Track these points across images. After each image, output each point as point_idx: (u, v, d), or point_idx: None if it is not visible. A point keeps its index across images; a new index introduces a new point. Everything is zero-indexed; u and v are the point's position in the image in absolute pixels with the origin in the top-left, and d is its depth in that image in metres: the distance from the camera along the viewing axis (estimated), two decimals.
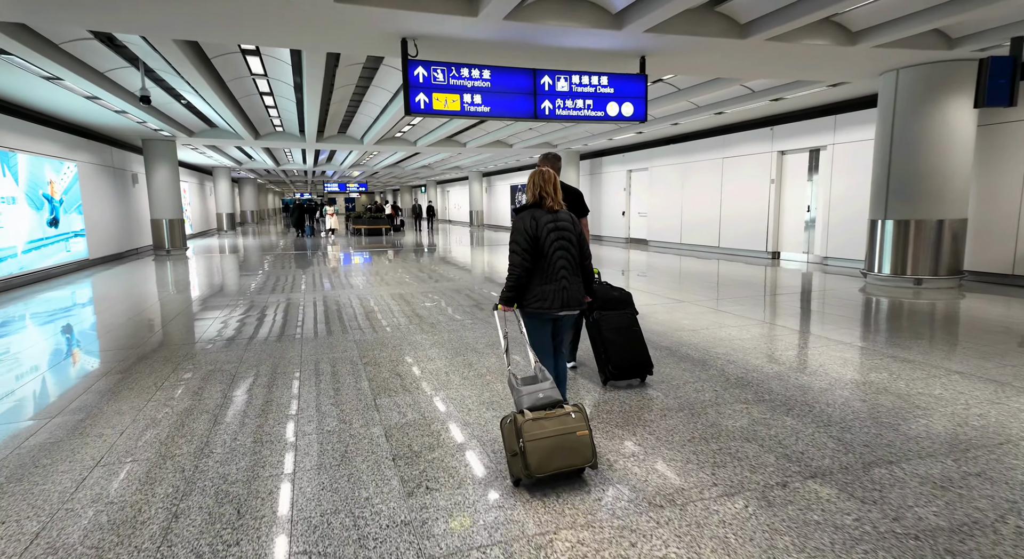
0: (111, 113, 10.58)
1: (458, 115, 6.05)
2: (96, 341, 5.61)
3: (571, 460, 2.43)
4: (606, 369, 3.83)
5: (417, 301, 7.45)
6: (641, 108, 6.62)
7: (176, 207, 15.00)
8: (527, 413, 2.48)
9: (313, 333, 5.70)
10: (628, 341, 3.84)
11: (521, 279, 2.86)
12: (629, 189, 17.08)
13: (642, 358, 3.86)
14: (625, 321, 3.88)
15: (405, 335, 5.52)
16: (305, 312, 6.84)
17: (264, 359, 4.76)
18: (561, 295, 2.87)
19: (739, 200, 12.59)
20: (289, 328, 5.94)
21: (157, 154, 14.57)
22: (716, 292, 7.99)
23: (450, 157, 22.00)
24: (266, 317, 6.55)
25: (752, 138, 12.14)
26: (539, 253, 2.84)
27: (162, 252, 14.82)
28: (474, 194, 30.12)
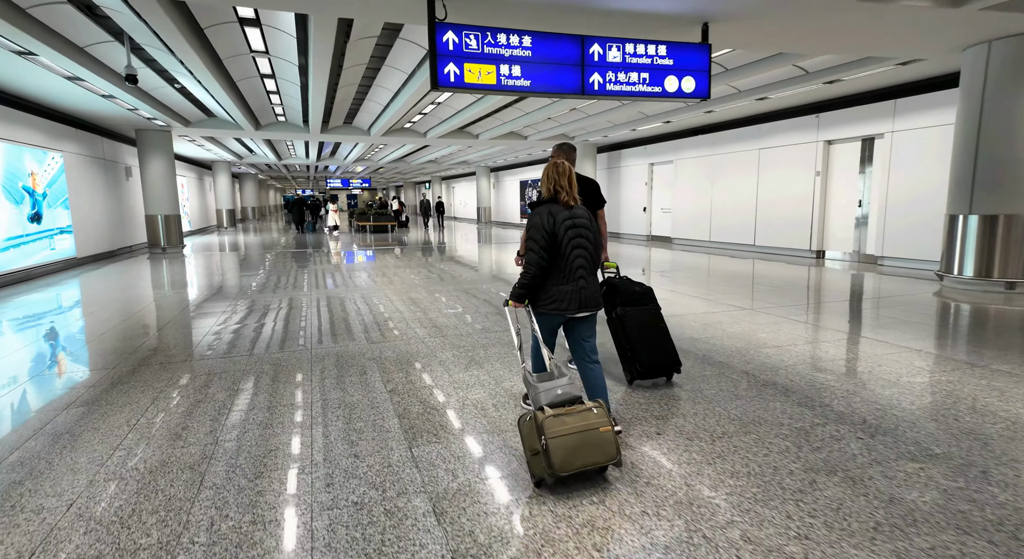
0: (98, 98, 9.67)
1: (493, 90, 5.14)
2: (76, 353, 4.73)
3: (595, 457, 2.33)
4: (633, 367, 3.63)
5: (436, 309, 6.55)
6: (704, 83, 5.69)
7: (172, 202, 14.11)
8: (547, 410, 2.38)
9: (321, 349, 4.80)
10: (655, 338, 3.65)
11: (537, 278, 2.73)
12: (651, 183, 16.14)
13: (670, 355, 3.66)
14: (650, 317, 3.69)
15: (432, 352, 4.62)
16: (311, 321, 5.94)
17: (264, 386, 3.87)
18: (579, 296, 2.74)
19: (778, 195, 11.65)
20: (293, 342, 5.04)
21: (151, 145, 13.67)
22: (760, 295, 7.08)
23: (460, 150, 21.08)
24: (267, 328, 5.65)
25: (794, 127, 11.20)
26: (556, 251, 2.71)
27: (157, 250, 13.94)
28: (482, 190, 29.20)
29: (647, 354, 3.59)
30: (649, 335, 3.63)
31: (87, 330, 5.75)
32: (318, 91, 9.47)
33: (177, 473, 2.62)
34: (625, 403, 3.41)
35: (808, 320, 5.75)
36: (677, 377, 3.83)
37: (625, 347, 3.66)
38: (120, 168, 14.17)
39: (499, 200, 28.96)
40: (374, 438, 2.97)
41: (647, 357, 3.59)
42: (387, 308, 6.54)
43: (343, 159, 25.52)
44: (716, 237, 13.49)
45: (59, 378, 4.14)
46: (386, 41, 7.87)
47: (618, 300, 3.70)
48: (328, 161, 25.80)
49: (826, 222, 10.85)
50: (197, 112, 12.88)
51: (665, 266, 10.82)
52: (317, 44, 6.79)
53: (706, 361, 4.27)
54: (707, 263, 10.85)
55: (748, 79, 9.05)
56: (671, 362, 3.66)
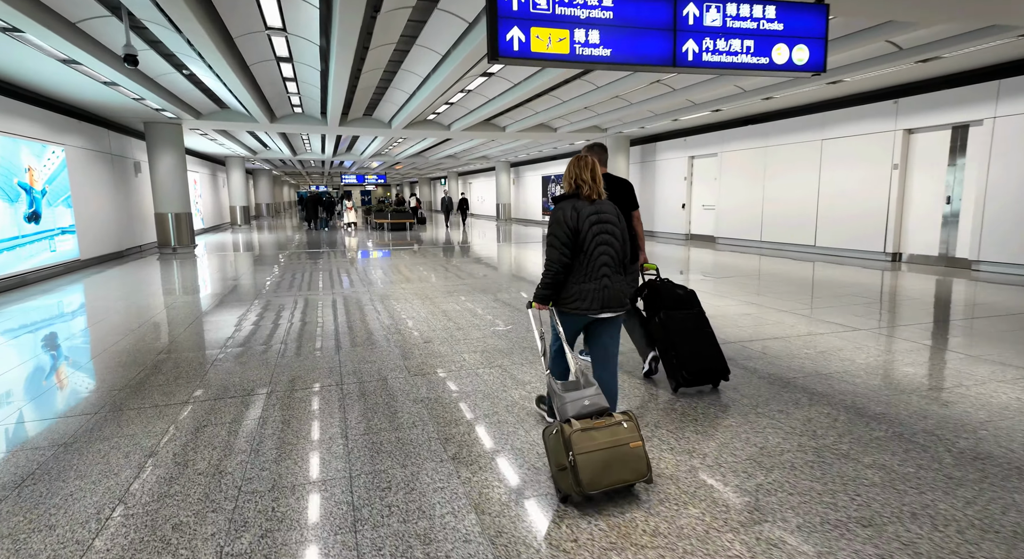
0: (100, 86, 8.82)
1: (565, 61, 4.13)
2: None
3: (624, 475, 2.20)
4: (678, 375, 3.44)
5: (481, 324, 5.57)
6: (819, 53, 4.63)
7: (183, 199, 13.29)
8: (574, 423, 2.24)
9: (357, 387, 3.85)
10: (701, 343, 3.48)
11: (559, 276, 2.58)
12: (691, 178, 15.03)
13: (718, 362, 3.48)
14: (695, 321, 3.54)
15: (493, 391, 3.65)
16: (342, 341, 5.00)
17: (289, 438, 2.92)
18: (602, 295, 2.58)
19: (845, 190, 10.51)
20: (321, 370, 4.11)
21: (161, 139, 12.85)
22: (826, 302, 6.01)
23: (482, 144, 20.10)
24: (291, 347, 4.72)
25: (867, 114, 10.05)
26: (579, 248, 2.55)
27: (168, 250, 13.15)
28: (501, 186, 28.21)
29: (694, 360, 3.42)
30: (695, 340, 3.46)
31: (88, 345, 4.88)
32: (340, 76, 8.53)
33: None
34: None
35: (887, 331, 4.80)
36: (724, 385, 3.63)
37: (670, 353, 3.47)
38: (128, 164, 13.38)
39: (519, 196, 27.98)
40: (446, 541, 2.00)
41: (694, 363, 3.42)
42: (427, 326, 5.58)
43: (359, 154, 24.66)
44: (768, 237, 12.37)
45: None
46: (420, 16, 6.89)
47: (661, 304, 3.55)
48: (344, 156, 24.96)
49: (904, 221, 9.70)
50: (209, 103, 12.03)
51: (708, 267, 9.77)
52: (343, 17, 5.84)
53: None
54: (759, 265, 9.77)
55: (831, 58, 7.93)
56: (719, 369, 3.47)
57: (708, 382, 3.51)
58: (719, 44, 4.46)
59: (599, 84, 10.04)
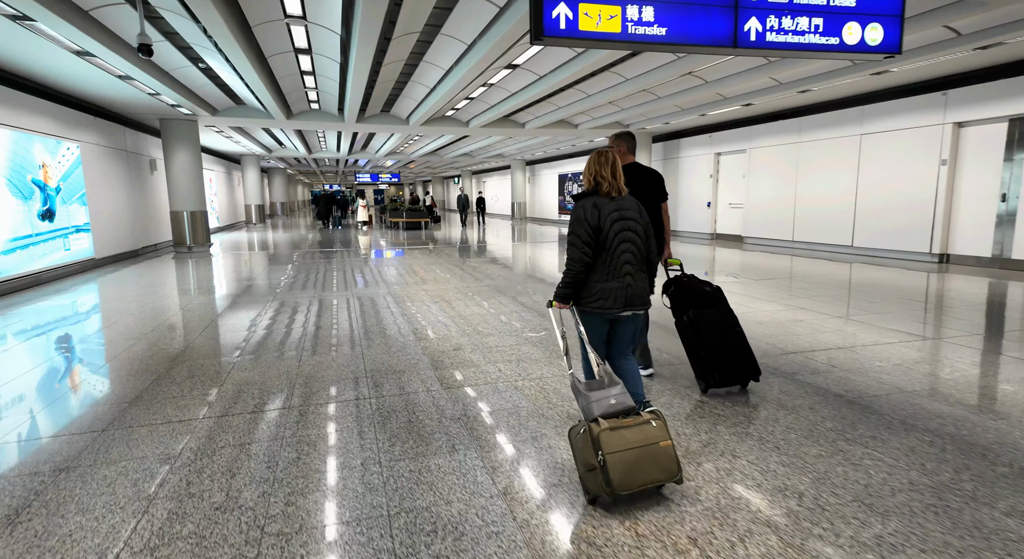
0: (114, 80, 8.59)
1: (616, 41, 3.73)
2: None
3: (655, 475, 2.14)
4: (710, 374, 3.34)
5: (510, 330, 5.20)
6: (894, 32, 4.19)
7: (199, 197, 13.09)
8: (602, 422, 2.16)
9: (387, 402, 3.50)
10: (732, 342, 3.37)
11: (580, 275, 2.54)
12: (717, 175, 14.53)
13: (749, 361, 3.37)
14: (725, 320, 3.41)
15: (539, 409, 3.28)
16: (366, 349, 4.66)
17: (315, 463, 2.57)
18: (624, 293, 2.54)
19: (886, 188, 9.98)
20: (346, 381, 3.76)
21: (176, 136, 12.65)
22: (868, 304, 5.54)
23: (499, 141, 19.73)
24: (312, 354, 4.39)
25: (911, 107, 9.51)
26: (601, 246, 2.51)
27: (183, 249, 12.95)
28: (517, 184, 27.82)
29: (725, 361, 3.32)
30: (726, 339, 3.35)
31: (98, 350, 4.60)
32: (360, 69, 8.20)
33: None
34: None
35: (965, 341, 4.38)
36: (754, 386, 3.52)
37: (699, 353, 3.35)
38: (144, 161, 13.21)
39: (535, 195, 27.57)
40: None
41: (726, 363, 3.32)
42: (454, 332, 5.22)
43: (374, 153, 24.42)
44: (801, 236, 11.85)
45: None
46: (447, 3, 6.52)
47: (689, 302, 3.42)
48: (359, 154, 24.74)
49: (953, 220, 9.15)
50: (225, 99, 11.79)
51: (741, 268, 9.30)
52: (367, 4, 5.49)
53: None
54: (795, 266, 9.30)
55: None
56: (749, 368, 3.37)
57: (738, 382, 3.41)
58: (784, 22, 4.04)
59: (628, 76, 9.62)
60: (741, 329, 3.42)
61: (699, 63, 8.33)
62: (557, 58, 8.56)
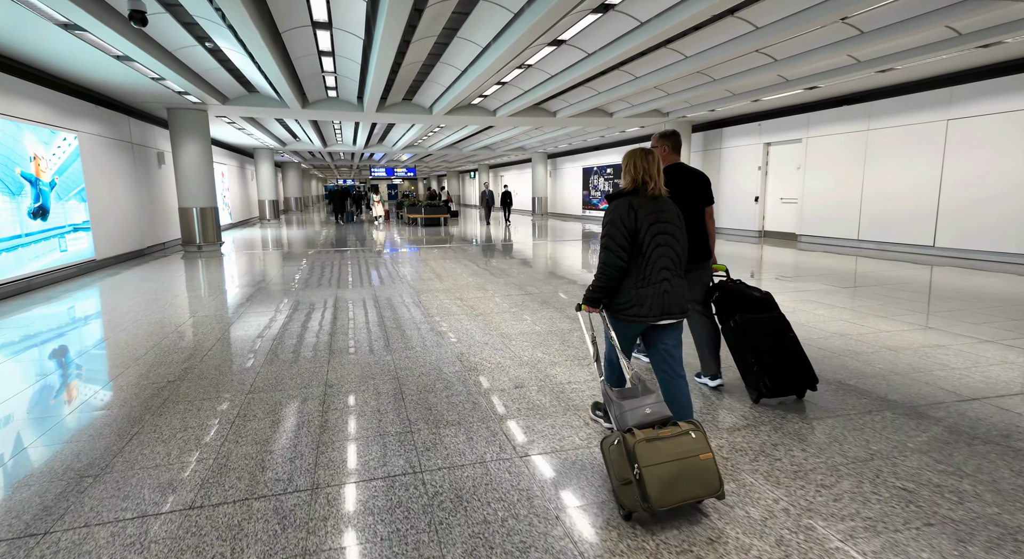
0: (112, 62, 7.69)
1: None
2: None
3: (696, 490, 1.97)
4: (760, 384, 3.08)
5: (577, 356, 4.19)
6: None
7: (209, 193, 12.23)
8: (637, 433, 1.99)
9: (442, 478, 2.51)
10: (786, 349, 3.12)
11: (614, 280, 2.38)
12: (766, 167, 13.36)
13: (805, 369, 3.12)
14: (777, 325, 3.16)
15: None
16: (407, 388, 3.68)
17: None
18: (661, 300, 2.36)
19: (981, 181, 8.79)
20: (389, 438, 2.79)
21: (185, 127, 11.77)
22: (968, 314, 4.45)
23: (523, 133, 18.67)
24: (342, 397, 3.42)
25: (1011, 87, 8.30)
26: (637, 250, 2.34)
27: (192, 248, 12.11)
28: (538, 179, 26.76)
29: (778, 368, 3.08)
30: (779, 346, 3.12)
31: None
32: (386, 47, 7.21)
33: None
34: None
35: None
36: (811, 396, 3.28)
37: (749, 360, 3.13)
38: (151, 154, 12.36)
39: (556, 190, 26.51)
40: None
41: (778, 372, 3.07)
42: (512, 362, 4.22)
43: (391, 146, 23.48)
44: (869, 235, 10.68)
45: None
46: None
47: (736, 307, 3.22)
48: (375, 148, 23.82)
49: None
50: (236, 85, 10.88)
51: (804, 271, 8.19)
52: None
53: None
54: (861, 268, 8.20)
55: (982, 16, 6.29)
56: (806, 377, 3.13)
57: (793, 392, 3.18)
58: None
59: (688, 53, 8.51)
60: (795, 334, 3.20)
61: (775, 38, 7.21)
62: (613, 30, 7.49)
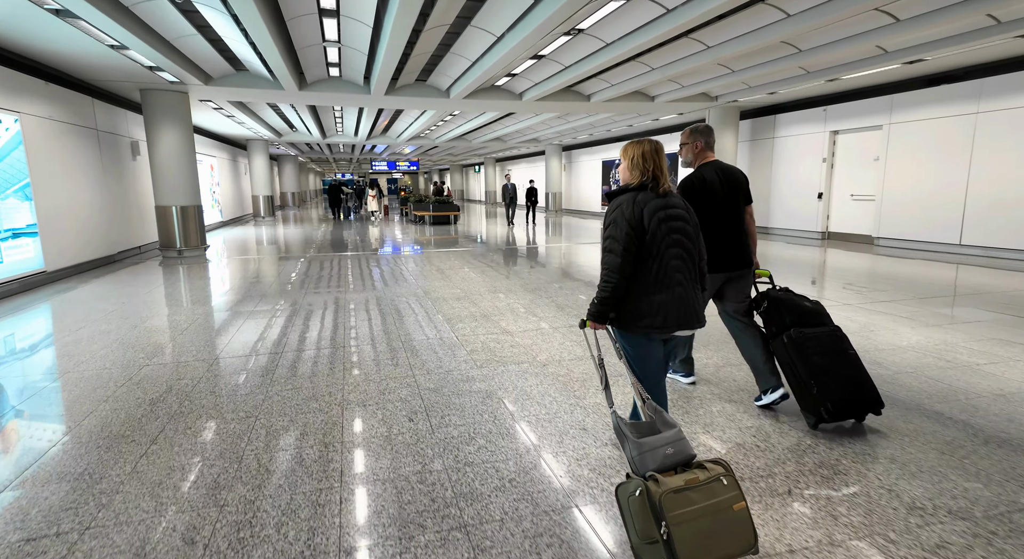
0: (51, 20, 5.95)
1: None
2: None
3: (730, 547, 1.64)
4: (821, 408, 2.74)
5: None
6: None
7: (190, 188, 10.49)
8: (662, 480, 1.67)
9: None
10: (847, 368, 2.78)
11: (620, 289, 2.10)
12: (832, 159, 11.67)
13: (869, 391, 2.77)
14: (835, 340, 2.84)
15: None
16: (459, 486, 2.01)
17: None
18: (677, 308, 2.09)
19: None
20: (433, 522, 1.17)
21: (162, 112, 10.02)
22: None
23: (544, 122, 16.93)
24: (364, 471, 1.78)
25: None
26: (645, 252, 2.08)
27: (172, 253, 10.39)
28: (552, 173, 25.03)
29: (840, 390, 2.72)
30: (840, 364, 2.78)
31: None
32: (405, 12, 5.50)
33: None
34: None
35: None
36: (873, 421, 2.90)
37: (807, 381, 2.77)
38: (124, 143, 10.62)
39: (572, 184, 24.82)
40: None
41: (840, 394, 2.72)
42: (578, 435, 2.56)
43: (395, 137, 21.70)
44: (974, 239, 9.01)
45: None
46: None
47: (788, 319, 2.92)
48: (378, 139, 22.04)
49: None
50: (220, 61, 9.13)
51: (859, 277, 6.50)
52: None
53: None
54: (961, 278, 6.52)
55: None
56: (870, 400, 2.77)
57: (855, 416, 2.79)
58: None
59: (791, 11, 6.79)
60: (855, 351, 2.83)
61: None
62: None
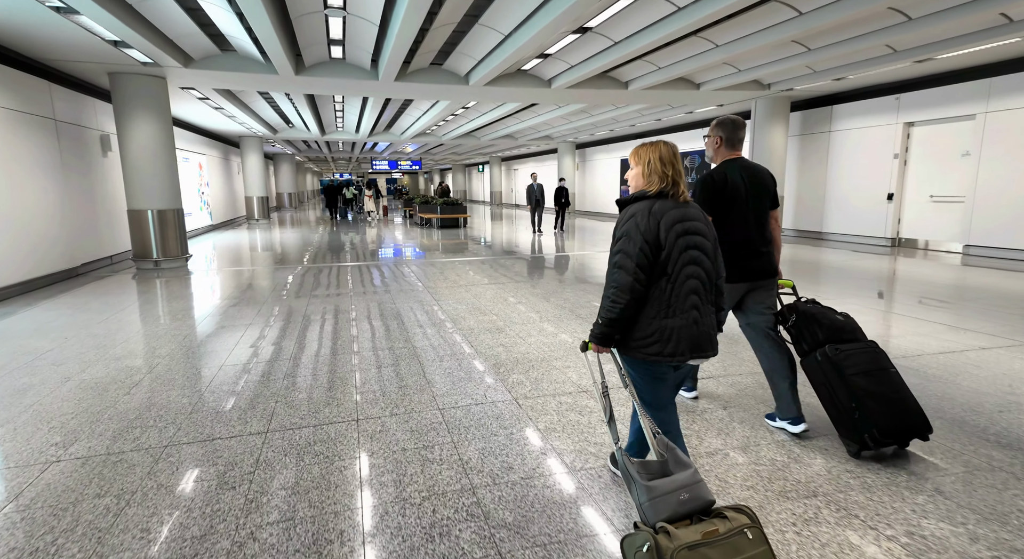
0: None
1: None
2: None
3: None
4: (866, 434, 2.45)
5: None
6: None
7: (169, 190, 9.02)
8: (674, 532, 1.44)
9: None
10: (891, 389, 2.48)
11: (628, 309, 1.86)
12: (905, 155, 10.24)
13: (916, 415, 2.48)
14: (875, 358, 2.55)
15: None
16: None
17: None
18: (690, 333, 1.87)
19: None
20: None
21: (134, 99, 8.55)
22: None
23: (564, 116, 15.49)
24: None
25: None
26: (659, 270, 1.87)
27: (147, 264, 8.92)
28: (565, 172, 23.62)
29: (885, 414, 2.44)
30: (882, 385, 2.49)
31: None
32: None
33: None
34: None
35: None
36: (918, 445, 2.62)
37: (847, 404, 2.50)
38: (91, 137, 9.14)
39: (587, 185, 23.45)
40: None
41: (886, 418, 2.43)
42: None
43: (399, 134, 20.24)
44: None
45: None
46: None
47: (821, 335, 2.64)
48: (380, 136, 20.57)
49: None
50: (202, 39, 7.66)
51: (945, 292, 5.11)
52: None
53: None
54: None
55: None
56: (919, 424, 2.48)
57: (901, 441, 2.51)
58: None
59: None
60: (896, 370, 2.56)
61: None
62: None
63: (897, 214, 10.41)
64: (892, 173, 10.33)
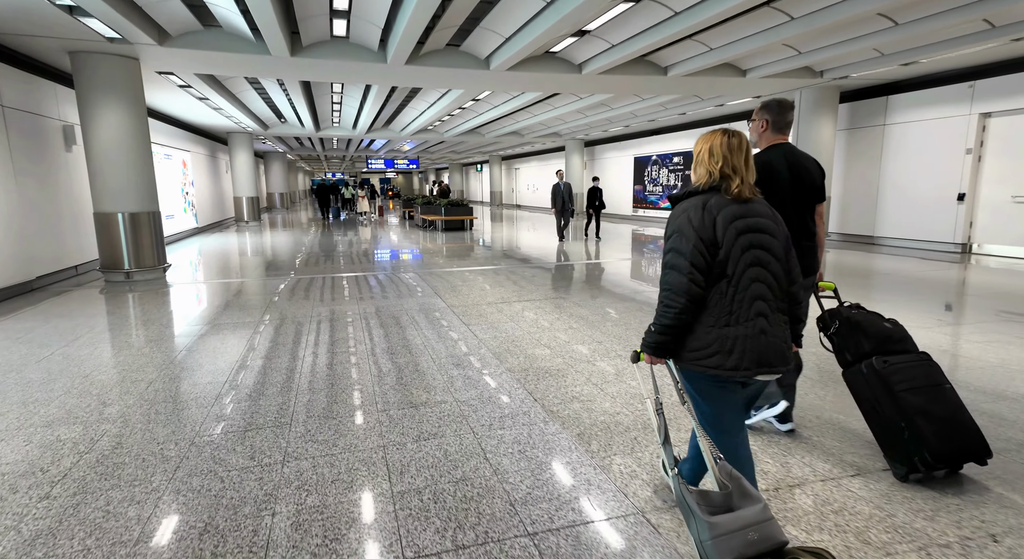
0: None
1: None
2: None
3: None
4: (917, 456, 2.20)
5: None
6: None
7: (144, 189, 7.74)
8: None
9: None
10: (948, 408, 2.22)
11: (684, 315, 1.66)
12: (980, 150, 9.14)
13: (973, 436, 2.20)
14: (928, 372, 2.30)
15: None
16: None
17: None
18: (757, 344, 1.62)
19: None
20: None
21: (101, 82, 7.27)
22: None
23: (579, 111, 14.32)
24: None
25: None
26: (719, 272, 1.64)
27: (117, 275, 7.63)
28: (573, 171, 22.53)
29: (939, 435, 2.17)
30: (936, 403, 2.23)
31: None
32: None
33: None
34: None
35: None
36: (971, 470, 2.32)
37: (895, 422, 2.25)
38: (51, 128, 7.84)
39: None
40: None
41: (940, 441, 2.16)
42: None
43: (399, 131, 18.98)
44: None
45: None
46: None
47: (867, 345, 2.39)
48: (378, 133, 19.30)
49: None
50: (179, 8, 6.40)
51: None
52: None
53: None
54: None
55: None
56: (976, 447, 2.20)
57: (955, 464, 2.25)
58: None
59: None
60: (951, 386, 2.31)
61: None
62: None
63: (968, 216, 9.30)
64: (963, 170, 9.22)
